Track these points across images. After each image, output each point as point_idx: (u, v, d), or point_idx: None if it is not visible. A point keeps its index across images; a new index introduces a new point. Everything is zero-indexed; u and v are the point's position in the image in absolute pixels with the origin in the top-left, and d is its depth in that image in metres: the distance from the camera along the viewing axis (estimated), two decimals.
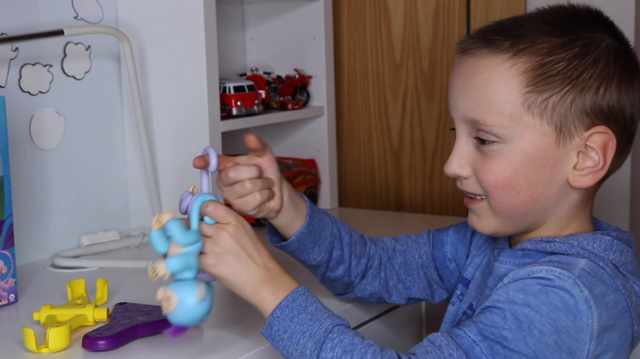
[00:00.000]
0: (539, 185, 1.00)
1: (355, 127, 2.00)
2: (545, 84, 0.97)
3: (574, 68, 0.98)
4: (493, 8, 1.81)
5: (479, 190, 1.03)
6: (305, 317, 0.97)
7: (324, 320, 0.97)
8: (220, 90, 1.64)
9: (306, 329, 0.96)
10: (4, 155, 1.25)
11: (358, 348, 0.94)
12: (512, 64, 0.98)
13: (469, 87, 1.01)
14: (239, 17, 1.94)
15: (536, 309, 0.93)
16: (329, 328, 0.96)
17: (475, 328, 0.94)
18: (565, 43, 0.99)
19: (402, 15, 1.91)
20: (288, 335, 0.97)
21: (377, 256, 1.21)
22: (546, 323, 0.93)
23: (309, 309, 0.97)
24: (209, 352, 1.10)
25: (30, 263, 1.49)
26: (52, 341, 1.06)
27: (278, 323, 0.97)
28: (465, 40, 1.03)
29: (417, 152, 1.93)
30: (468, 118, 1.01)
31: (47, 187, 1.53)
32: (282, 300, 0.98)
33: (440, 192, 1.91)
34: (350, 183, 2.02)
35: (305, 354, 0.95)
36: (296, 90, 1.85)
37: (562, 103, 0.97)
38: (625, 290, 0.98)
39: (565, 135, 0.98)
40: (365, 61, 1.96)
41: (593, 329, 0.94)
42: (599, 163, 0.99)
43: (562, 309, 0.93)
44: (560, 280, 0.93)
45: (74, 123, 1.57)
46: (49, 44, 1.52)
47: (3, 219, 1.25)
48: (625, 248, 1.01)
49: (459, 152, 1.03)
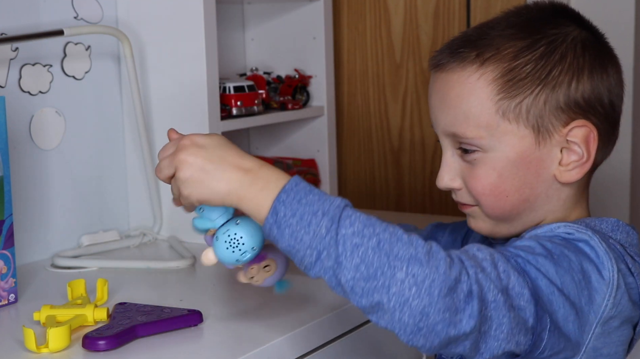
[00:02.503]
0: (526, 186, 1.00)
1: (355, 127, 2.00)
2: (516, 89, 0.98)
3: (541, 68, 0.98)
4: (493, 8, 1.81)
5: (471, 200, 1.04)
6: (313, 198, 0.87)
7: (334, 199, 0.88)
8: (220, 90, 1.64)
9: (318, 208, 0.86)
10: (4, 155, 1.25)
11: (378, 223, 0.86)
12: (481, 75, 0.99)
13: (444, 103, 1.02)
14: (239, 17, 1.94)
15: (560, 249, 0.93)
16: (341, 204, 0.87)
17: (520, 251, 0.92)
18: (530, 44, 0.99)
19: (402, 15, 1.91)
20: (297, 218, 0.87)
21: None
22: (575, 259, 0.93)
23: (315, 191, 0.89)
24: (209, 352, 1.10)
25: (30, 263, 1.49)
26: (52, 341, 1.06)
27: (284, 207, 0.87)
28: (436, 55, 1.04)
29: (417, 152, 1.93)
30: (448, 132, 1.02)
31: (47, 187, 1.53)
32: (285, 184, 0.88)
33: (440, 192, 1.91)
34: (350, 183, 2.02)
35: (321, 234, 0.85)
36: (296, 90, 1.85)
37: (535, 104, 0.98)
38: (634, 269, 0.98)
39: (544, 134, 0.99)
40: (365, 61, 1.96)
41: (612, 281, 0.94)
42: (583, 156, 1.00)
43: (586, 254, 0.93)
44: (580, 233, 0.95)
45: (74, 123, 1.57)
46: (49, 44, 1.52)
47: (3, 219, 1.25)
48: (630, 230, 1.02)
49: (447, 165, 1.04)
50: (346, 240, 0.85)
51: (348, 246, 0.85)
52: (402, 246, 0.84)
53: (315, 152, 1.90)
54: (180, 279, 1.39)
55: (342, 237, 0.85)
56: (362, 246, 0.84)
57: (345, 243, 0.85)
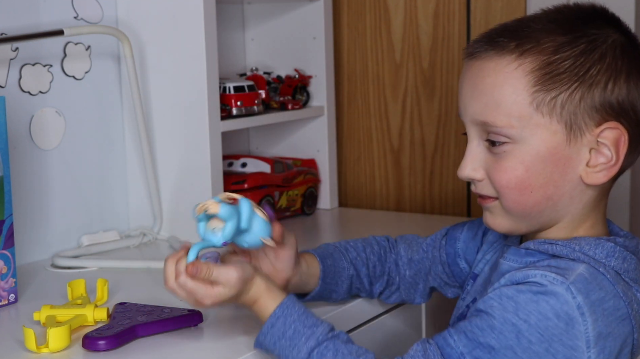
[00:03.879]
0: (551, 184, 1.00)
1: (355, 127, 2.00)
2: (553, 82, 0.97)
3: (580, 65, 0.97)
4: (493, 8, 1.81)
5: (492, 192, 1.03)
6: (284, 343, 1.01)
7: (301, 346, 1.00)
8: (220, 90, 1.64)
9: (288, 354, 1.01)
10: (4, 155, 1.25)
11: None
12: (519, 65, 0.98)
13: (477, 91, 1.01)
14: (239, 17, 1.94)
15: (525, 319, 0.93)
16: (306, 356, 1.00)
17: (465, 337, 0.96)
18: (571, 40, 0.98)
19: (402, 15, 1.91)
20: (277, 356, 1.03)
21: (395, 273, 1.25)
22: (534, 332, 0.93)
23: (287, 334, 1.01)
24: (209, 352, 1.10)
25: (30, 263, 1.49)
26: (52, 341, 1.06)
27: (265, 347, 1.04)
28: (471, 44, 1.04)
29: (417, 152, 1.93)
30: (478, 121, 1.01)
31: (47, 187, 1.53)
32: (262, 327, 1.03)
33: (440, 192, 1.91)
34: (350, 183, 2.02)
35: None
36: (296, 90, 1.85)
37: (570, 101, 0.97)
38: (626, 297, 0.98)
39: (575, 132, 0.98)
40: (365, 61, 1.96)
41: (589, 336, 0.94)
42: (612, 159, 0.99)
43: (551, 318, 0.93)
44: (553, 286, 0.94)
45: (74, 123, 1.57)
46: (49, 44, 1.52)
47: (3, 219, 1.25)
48: (628, 256, 1.01)
49: (471, 155, 1.03)
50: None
51: None
52: None
53: (315, 152, 1.90)
54: None
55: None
56: None
57: None
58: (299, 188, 1.84)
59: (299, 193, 1.84)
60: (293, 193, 1.82)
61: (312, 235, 1.75)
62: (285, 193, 1.80)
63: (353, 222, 1.87)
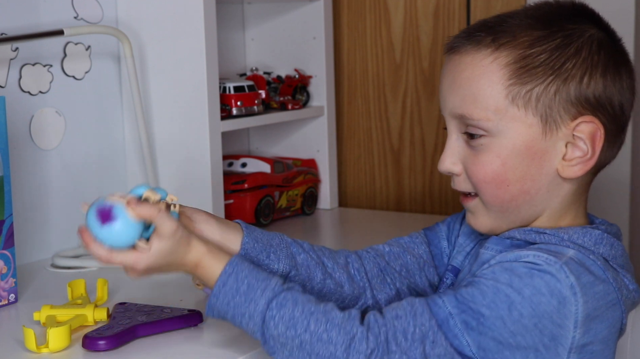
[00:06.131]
0: (528, 177, 1.00)
1: (355, 127, 2.00)
2: (528, 76, 0.98)
3: (556, 58, 0.98)
4: (493, 8, 1.81)
5: (470, 188, 1.04)
6: (239, 300, 0.98)
7: (258, 299, 0.98)
8: (220, 90, 1.64)
9: (245, 311, 0.98)
10: (4, 155, 1.25)
11: (300, 321, 0.96)
12: (495, 58, 1.00)
13: (455, 84, 1.02)
14: (239, 17, 1.94)
15: (518, 291, 0.94)
16: (264, 308, 0.97)
17: (454, 299, 0.96)
18: (547, 35, 1.00)
19: (402, 15, 1.91)
20: (231, 318, 0.99)
21: (375, 264, 1.19)
22: (527, 305, 0.93)
23: (241, 290, 0.98)
24: (209, 352, 1.10)
25: (30, 263, 1.49)
26: (52, 341, 1.06)
27: (218, 309, 1.00)
28: (451, 39, 1.05)
29: (417, 152, 1.93)
30: (456, 114, 1.02)
31: (47, 187, 1.53)
32: (213, 288, 0.99)
33: (440, 192, 1.91)
34: (350, 183, 2.02)
35: (256, 335, 0.98)
36: (296, 90, 1.85)
37: (545, 94, 0.98)
38: (616, 283, 0.99)
39: (551, 125, 0.99)
40: (365, 61, 1.96)
41: (577, 316, 0.94)
42: (588, 152, 0.99)
43: (545, 294, 0.93)
44: (547, 265, 0.94)
45: (74, 123, 1.57)
46: (49, 44, 1.52)
47: (3, 219, 1.25)
48: (615, 242, 1.02)
49: (450, 148, 1.04)
50: (274, 339, 0.98)
51: (277, 344, 0.98)
52: (322, 345, 0.96)
53: (315, 152, 1.90)
54: (180, 279, 1.39)
55: (270, 337, 0.98)
56: (287, 344, 0.97)
57: (274, 340, 0.98)
58: (299, 188, 1.84)
59: (299, 193, 1.84)
60: (293, 193, 1.82)
61: (312, 235, 1.75)
62: (285, 193, 1.80)
63: (353, 222, 1.87)
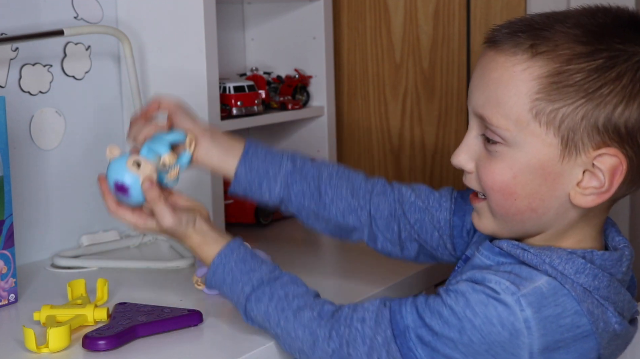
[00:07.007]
0: (537, 196, 0.96)
1: (355, 127, 2.00)
2: (558, 94, 0.92)
3: (592, 81, 0.92)
4: (493, 8, 1.81)
5: (479, 188, 1.01)
6: (226, 290, 1.10)
7: (240, 294, 1.09)
8: (220, 90, 1.64)
9: (232, 299, 1.11)
10: (4, 155, 1.25)
11: (273, 317, 1.06)
12: (528, 67, 0.93)
13: (483, 81, 0.98)
14: (239, 17, 1.94)
15: (470, 318, 0.94)
16: (244, 301, 1.08)
17: (415, 311, 0.98)
18: (590, 53, 0.92)
19: (402, 15, 1.91)
20: (227, 291, 1.11)
21: (386, 206, 1.19)
22: (477, 333, 0.94)
23: (227, 282, 1.10)
24: (209, 352, 1.10)
25: (30, 263, 1.49)
26: (52, 341, 1.06)
27: (215, 281, 1.12)
28: (493, 30, 0.98)
29: (417, 152, 1.93)
30: (478, 113, 0.98)
31: (47, 187, 1.53)
32: (207, 273, 1.12)
33: None
34: None
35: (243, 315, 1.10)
36: (296, 90, 1.85)
37: (572, 116, 0.92)
38: (591, 316, 0.95)
39: (571, 149, 0.93)
40: (365, 61, 1.96)
41: (533, 348, 0.93)
42: (604, 185, 0.94)
43: (495, 325, 0.93)
44: (505, 294, 0.93)
45: (74, 123, 1.57)
46: (49, 44, 1.52)
47: (3, 219, 1.25)
48: (600, 273, 0.96)
49: (467, 144, 1.01)
50: (259, 326, 1.09)
51: (261, 324, 1.09)
52: (291, 341, 1.05)
53: (315, 152, 1.90)
54: (180, 279, 1.39)
55: (255, 324, 1.09)
56: (268, 332, 1.09)
57: (259, 327, 1.09)
58: None
59: None
60: None
61: (312, 235, 1.75)
62: None
63: None
